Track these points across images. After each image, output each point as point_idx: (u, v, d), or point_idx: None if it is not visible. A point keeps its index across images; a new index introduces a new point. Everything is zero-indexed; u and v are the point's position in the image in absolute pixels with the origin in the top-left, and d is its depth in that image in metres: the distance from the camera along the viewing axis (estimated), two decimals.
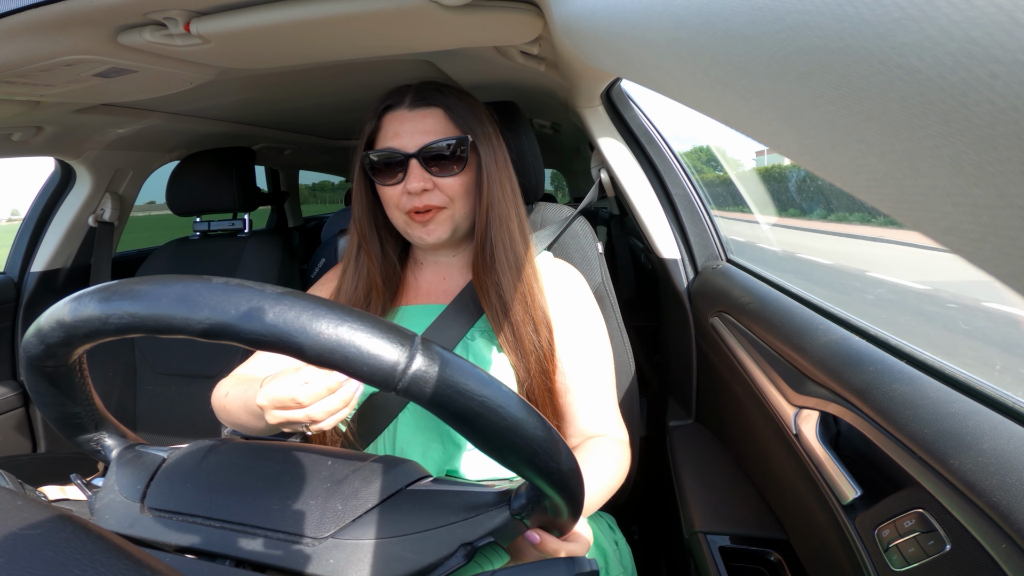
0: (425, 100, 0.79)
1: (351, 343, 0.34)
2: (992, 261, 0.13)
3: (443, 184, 0.77)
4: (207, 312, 0.34)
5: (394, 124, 0.78)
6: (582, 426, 0.79)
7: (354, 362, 0.34)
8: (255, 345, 0.34)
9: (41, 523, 0.27)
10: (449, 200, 0.78)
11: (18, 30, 0.67)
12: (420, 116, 0.78)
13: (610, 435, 0.78)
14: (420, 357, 0.35)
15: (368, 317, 0.35)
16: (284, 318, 0.33)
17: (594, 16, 0.36)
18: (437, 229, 0.78)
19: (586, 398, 0.79)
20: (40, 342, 0.39)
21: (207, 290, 0.35)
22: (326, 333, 0.33)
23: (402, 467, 0.49)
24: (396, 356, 0.34)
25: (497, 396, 0.36)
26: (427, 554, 0.43)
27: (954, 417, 0.45)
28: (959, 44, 0.12)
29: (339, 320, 0.34)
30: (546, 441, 0.39)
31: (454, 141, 0.76)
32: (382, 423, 0.78)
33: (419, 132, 0.77)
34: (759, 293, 0.86)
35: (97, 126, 1.31)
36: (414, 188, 0.75)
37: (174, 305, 0.34)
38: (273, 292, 0.35)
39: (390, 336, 0.35)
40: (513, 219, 0.80)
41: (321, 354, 0.34)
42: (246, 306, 0.34)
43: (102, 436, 0.52)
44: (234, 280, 0.36)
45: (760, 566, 0.72)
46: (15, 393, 1.50)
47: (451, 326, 0.80)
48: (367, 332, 0.34)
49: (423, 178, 0.76)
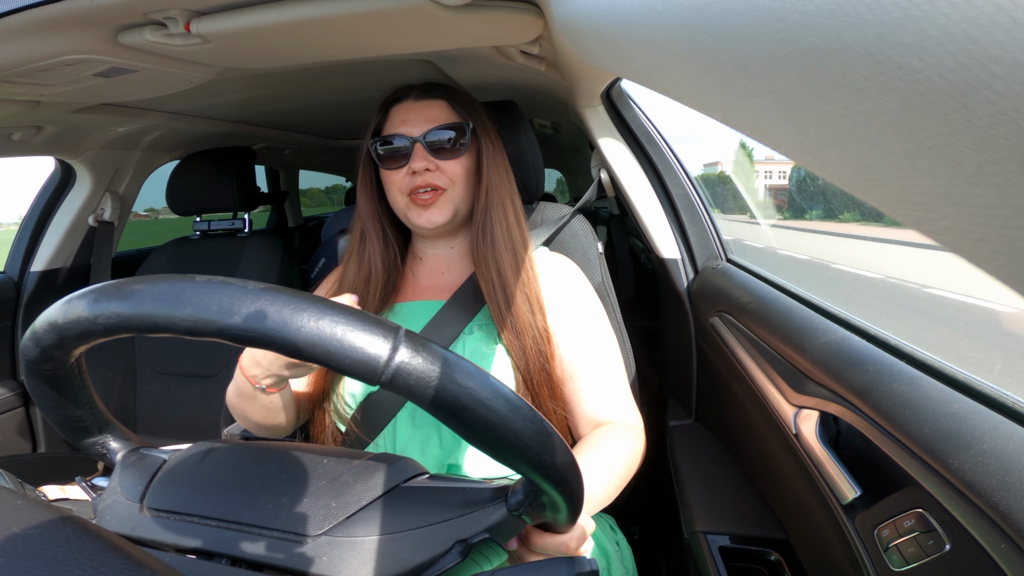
0: (430, 93, 0.84)
1: (332, 336, 0.33)
2: (992, 261, 0.13)
3: (445, 166, 0.81)
4: (190, 310, 0.34)
5: (401, 113, 0.83)
6: (589, 413, 0.78)
7: (336, 355, 0.34)
8: (238, 341, 0.34)
9: (41, 523, 0.27)
10: (450, 182, 0.82)
11: (18, 30, 0.67)
12: (425, 106, 0.83)
13: (619, 421, 0.78)
14: (404, 349, 0.34)
15: (350, 310, 0.35)
16: (265, 313, 0.34)
17: (594, 16, 0.36)
18: (438, 213, 0.81)
19: (590, 384, 0.79)
20: (36, 345, 0.39)
21: (190, 288, 0.35)
22: (308, 327, 0.33)
23: (398, 464, 0.49)
24: (379, 348, 0.34)
25: (483, 388, 0.36)
26: (422, 551, 0.43)
27: (954, 417, 0.45)
28: (959, 44, 0.12)
29: (320, 314, 0.34)
30: (538, 433, 0.38)
31: (457, 126, 0.82)
32: (382, 421, 0.78)
33: (424, 119, 0.81)
34: (759, 293, 0.86)
35: (97, 126, 1.31)
36: (419, 167, 0.80)
37: (158, 304, 0.35)
38: (255, 288, 0.35)
39: (373, 328, 0.35)
40: (509, 205, 0.84)
41: (303, 348, 0.34)
42: (228, 303, 0.34)
43: (107, 439, 0.52)
44: (217, 278, 0.36)
45: (760, 566, 0.72)
46: (15, 393, 1.51)
47: (450, 321, 0.80)
48: (349, 325, 0.34)
49: (426, 159, 0.80)
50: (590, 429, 0.78)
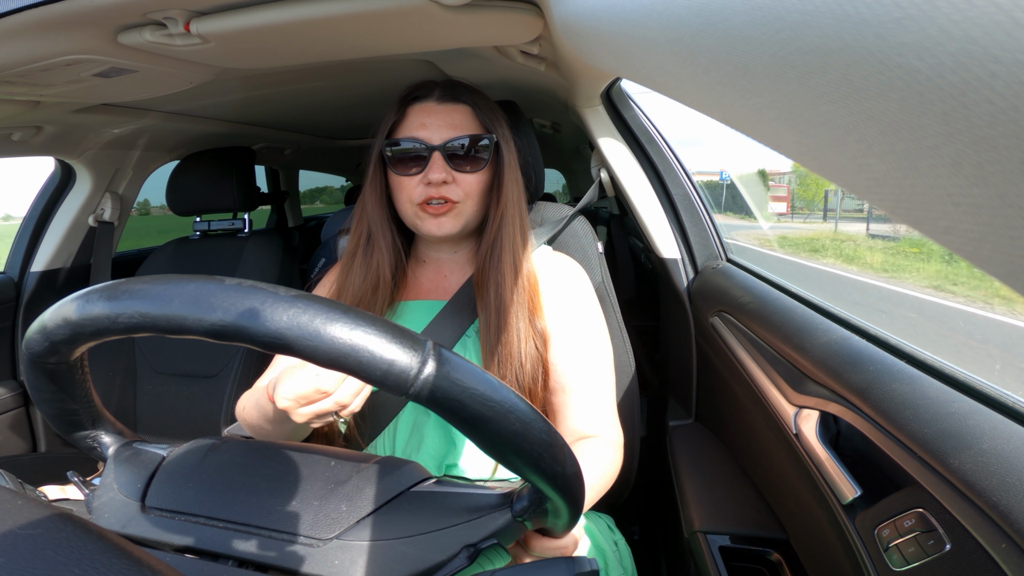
0: (454, 96, 0.80)
1: (364, 347, 0.33)
2: (992, 261, 0.13)
3: (462, 179, 0.78)
4: (220, 314, 0.34)
5: (421, 115, 0.78)
6: (573, 426, 0.78)
7: (367, 366, 0.34)
8: (267, 348, 0.34)
9: (41, 523, 0.27)
10: (465, 196, 0.78)
11: (18, 30, 0.67)
12: (449, 110, 0.78)
13: (602, 436, 0.78)
14: (432, 362, 0.35)
15: (381, 321, 0.35)
16: (298, 321, 0.33)
17: (594, 16, 0.36)
18: (448, 223, 0.78)
19: (580, 398, 0.79)
20: (44, 339, 0.39)
21: (220, 291, 0.34)
22: (339, 337, 0.33)
23: (405, 468, 0.49)
24: (409, 361, 0.34)
25: (506, 402, 0.37)
26: (431, 555, 0.44)
27: (954, 417, 0.45)
28: (959, 44, 0.12)
29: (353, 324, 0.34)
30: (552, 446, 0.39)
31: (480, 139, 0.78)
32: (383, 422, 0.78)
33: (446, 125, 0.77)
34: (759, 293, 0.86)
35: (97, 126, 1.31)
36: (435, 179, 0.75)
37: (187, 306, 0.34)
38: (287, 295, 0.34)
39: (403, 341, 0.35)
40: (518, 222, 0.81)
41: (335, 358, 0.33)
42: (259, 308, 0.34)
43: (99, 433, 0.52)
44: (247, 281, 0.36)
45: (760, 566, 0.72)
46: (15, 393, 1.51)
47: (450, 324, 0.80)
48: (381, 336, 0.34)
49: (444, 170, 0.76)
50: (572, 440, 0.78)
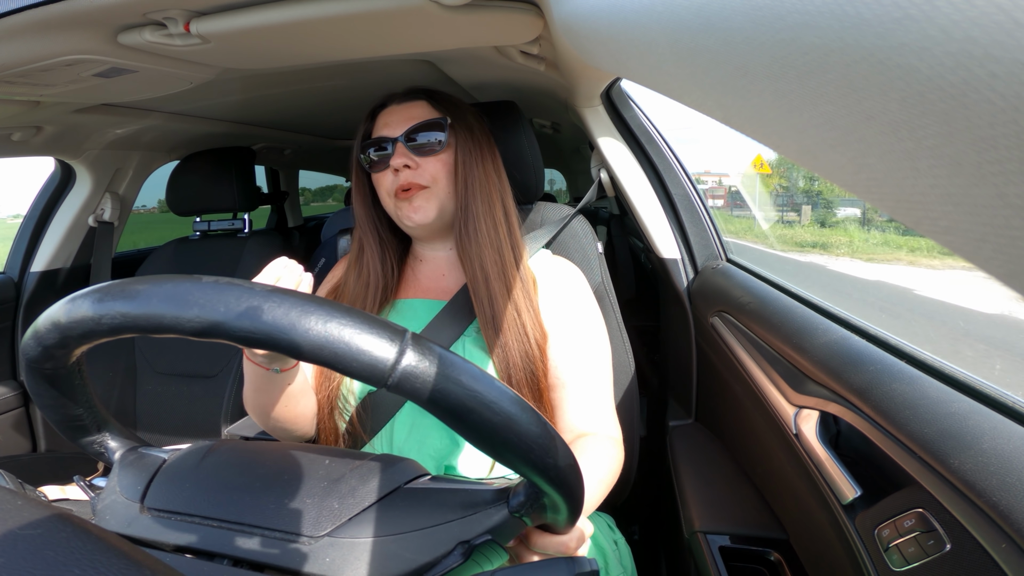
0: (412, 95, 0.86)
1: (340, 339, 0.33)
2: (992, 261, 0.13)
3: (424, 163, 0.82)
4: (197, 311, 0.34)
5: (385, 117, 0.85)
6: (572, 423, 0.78)
7: (344, 358, 0.34)
8: (245, 343, 0.34)
9: (41, 523, 0.27)
10: (432, 180, 0.82)
11: (18, 30, 0.67)
12: (407, 107, 0.85)
13: (602, 433, 0.78)
14: (411, 352, 0.35)
15: (357, 313, 0.35)
16: (273, 315, 0.33)
17: (594, 16, 0.36)
18: (423, 207, 0.82)
19: (578, 394, 0.79)
20: (37, 344, 0.39)
21: (197, 289, 0.35)
22: (315, 329, 0.33)
23: (400, 465, 0.49)
24: (386, 351, 0.34)
25: (489, 391, 0.36)
26: (424, 552, 0.43)
27: (954, 417, 0.45)
28: (959, 44, 0.12)
29: (328, 316, 0.34)
30: (541, 437, 0.38)
31: (435, 122, 0.83)
32: (380, 421, 0.78)
33: (404, 119, 0.83)
34: (759, 293, 0.86)
35: (97, 126, 1.31)
36: (397, 163, 0.81)
37: (164, 304, 0.34)
38: (262, 290, 0.35)
39: (380, 331, 0.35)
40: (497, 202, 0.84)
41: (311, 350, 0.34)
42: (235, 304, 0.34)
43: (105, 438, 0.52)
44: (223, 279, 0.36)
45: (760, 566, 0.72)
46: (15, 393, 1.51)
47: (451, 323, 0.80)
48: (356, 328, 0.34)
49: (406, 156, 0.81)
50: (571, 437, 0.78)
